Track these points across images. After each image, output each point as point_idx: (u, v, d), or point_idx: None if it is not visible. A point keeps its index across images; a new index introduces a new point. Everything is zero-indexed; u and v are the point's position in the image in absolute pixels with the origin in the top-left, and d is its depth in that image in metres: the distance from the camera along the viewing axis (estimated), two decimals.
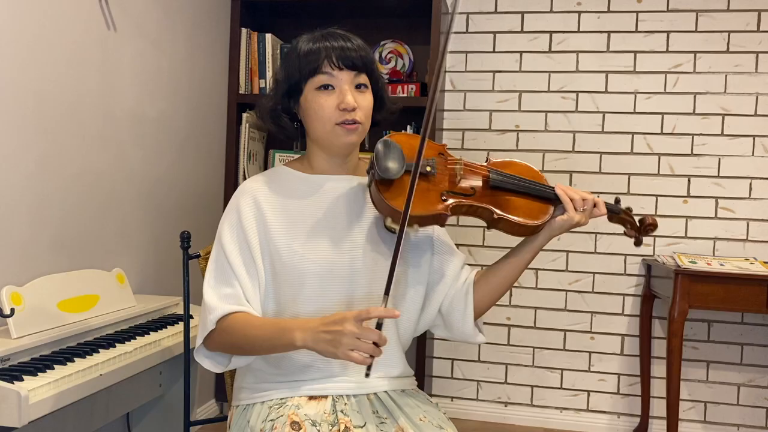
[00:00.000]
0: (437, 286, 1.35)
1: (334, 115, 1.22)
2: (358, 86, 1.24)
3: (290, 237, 1.25)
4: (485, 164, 1.30)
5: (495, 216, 1.23)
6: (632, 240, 1.38)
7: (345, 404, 1.21)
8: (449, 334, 1.39)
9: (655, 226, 1.37)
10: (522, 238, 1.32)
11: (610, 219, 1.34)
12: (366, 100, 1.25)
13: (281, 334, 1.14)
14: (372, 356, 1.07)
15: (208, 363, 1.27)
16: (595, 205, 1.30)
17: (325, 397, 1.22)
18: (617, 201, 1.35)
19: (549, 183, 1.32)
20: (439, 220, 1.22)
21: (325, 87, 1.23)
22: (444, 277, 1.35)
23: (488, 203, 1.24)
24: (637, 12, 2.83)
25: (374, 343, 1.06)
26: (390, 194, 1.18)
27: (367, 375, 1.10)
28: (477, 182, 1.26)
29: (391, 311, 1.08)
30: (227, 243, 1.25)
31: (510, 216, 1.24)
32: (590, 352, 2.91)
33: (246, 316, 1.21)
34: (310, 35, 1.27)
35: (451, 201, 1.22)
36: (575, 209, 1.27)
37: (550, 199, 1.28)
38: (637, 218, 1.39)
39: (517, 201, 1.26)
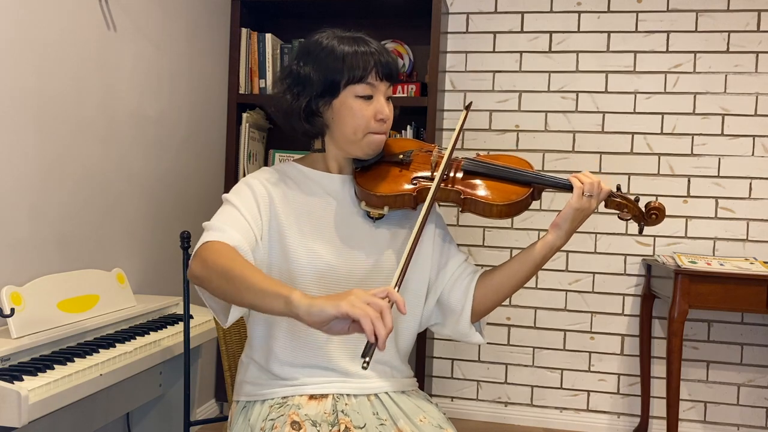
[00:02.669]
0: (438, 278, 1.34)
1: (369, 124, 1.24)
2: (387, 98, 1.28)
3: (299, 230, 1.25)
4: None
5: (462, 196, 1.27)
6: (636, 226, 1.36)
7: (345, 404, 1.21)
8: (447, 331, 1.36)
9: (660, 210, 1.29)
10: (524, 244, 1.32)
11: (607, 205, 1.32)
12: (392, 110, 1.29)
13: (279, 286, 1.03)
14: (378, 325, 0.94)
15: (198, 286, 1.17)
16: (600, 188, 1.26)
17: (326, 396, 1.22)
18: (618, 188, 1.33)
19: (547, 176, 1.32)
20: (407, 201, 1.26)
21: (366, 96, 1.24)
22: (445, 268, 1.34)
23: (456, 186, 1.28)
24: (637, 12, 2.83)
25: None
26: (363, 179, 1.29)
27: (365, 366, 0.93)
28: (451, 169, 1.31)
29: (401, 302, 1.00)
30: (236, 202, 1.23)
31: (476, 196, 1.26)
32: (590, 352, 2.91)
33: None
34: (339, 35, 1.26)
35: (419, 184, 1.28)
36: (582, 195, 1.25)
37: (527, 182, 1.29)
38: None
39: (489, 184, 1.29)
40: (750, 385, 2.79)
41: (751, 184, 2.77)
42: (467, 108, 1.38)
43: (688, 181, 2.81)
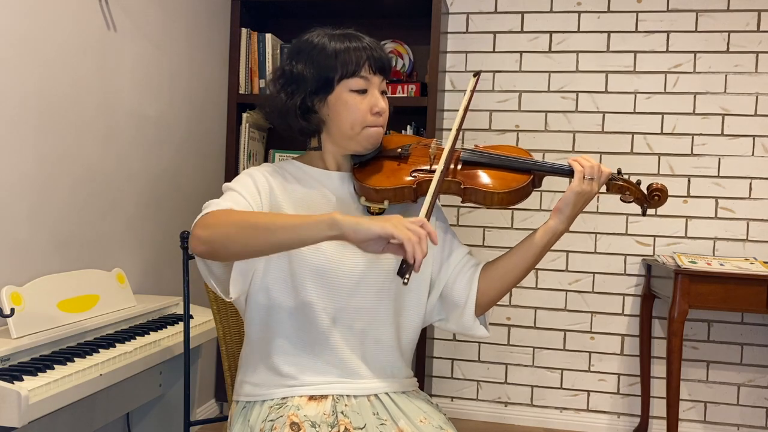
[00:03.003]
0: (440, 271, 1.34)
1: (366, 118, 1.25)
2: (382, 92, 1.28)
3: None
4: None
5: (462, 186, 1.26)
6: (639, 208, 1.35)
7: (345, 405, 1.21)
8: (450, 326, 1.35)
9: (662, 191, 1.29)
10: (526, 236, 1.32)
11: (609, 188, 1.31)
12: (387, 104, 1.29)
13: (312, 215, 1.06)
14: (417, 249, 1.01)
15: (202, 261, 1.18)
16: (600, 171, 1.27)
17: (325, 397, 1.22)
18: (619, 172, 1.34)
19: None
20: (407, 194, 1.26)
21: (361, 91, 1.24)
22: (447, 261, 1.34)
23: (456, 177, 1.28)
24: (637, 12, 2.83)
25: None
26: (362, 175, 1.29)
27: (405, 282, 1.02)
28: (450, 161, 1.30)
29: (434, 233, 1.05)
30: (236, 187, 1.23)
31: (477, 185, 1.26)
32: (590, 352, 2.91)
33: None
34: (329, 33, 1.26)
35: (418, 177, 1.28)
36: (583, 178, 1.26)
37: (527, 170, 1.29)
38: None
39: (489, 173, 1.29)
40: (750, 385, 2.79)
41: (751, 184, 2.77)
42: (477, 75, 1.35)
43: (688, 181, 2.81)
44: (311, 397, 1.22)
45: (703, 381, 2.82)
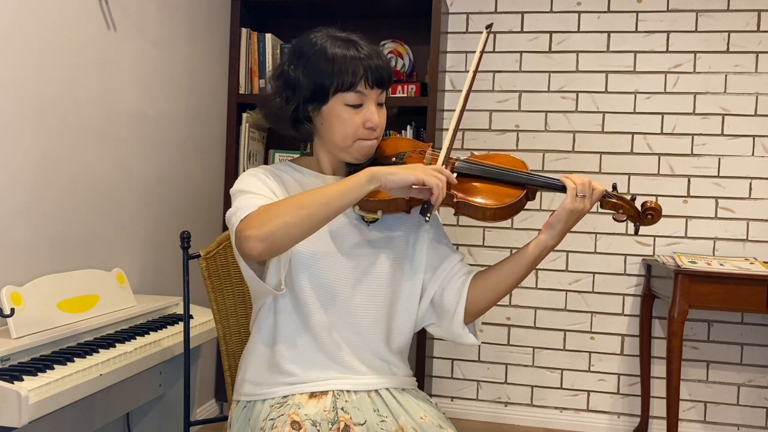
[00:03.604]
0: (432, 278, 1.34)
1: (358, 131, 1.24)
2: (379, 103, 1.27)
3: None
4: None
5: (455, 200, 1.25)
6: (632, 226, 1.34)
7: (345, 401, 1.21)
8: (440, 332, 1.35)
9: (656, 210, 1.28)
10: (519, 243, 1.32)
11: (602, 205, 1.30)
12: (383, 116, 1.28)
13: (348, 178, 1.14)
14: (440, 194, 1.13)
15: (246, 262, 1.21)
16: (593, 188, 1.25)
17: (326, 393, 1.23)
18: (614, 188, 1.33)
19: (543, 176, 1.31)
20: (400, 205, 1.25)
21: (356, 105, 1.23)
22: (439, 268, 1.34)
23: (449, 189, 1.25)
24: (637, 12, 2.83)
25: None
26: None
27: (427, 219, 1.16)
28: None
29: (452, 177, 1.19)
30: (247, 188, 1.23)
31: (469, 199, 1.25)
32: (590, 352, 2.91)
33: None
34: (332, 36, 1.24)
35: None
36: (575, 195, 1.24)
37: (521, 184, 1.28)
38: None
39: (483, 186, 1.28)
40: (750, 385, 2.79)
41: (751, 184, 2.77)
42: (489, 27, 1.32)
43: (688, 181, 2.81)
44: (312, 395, 1.23)
45: (703, 381, 2.82)
